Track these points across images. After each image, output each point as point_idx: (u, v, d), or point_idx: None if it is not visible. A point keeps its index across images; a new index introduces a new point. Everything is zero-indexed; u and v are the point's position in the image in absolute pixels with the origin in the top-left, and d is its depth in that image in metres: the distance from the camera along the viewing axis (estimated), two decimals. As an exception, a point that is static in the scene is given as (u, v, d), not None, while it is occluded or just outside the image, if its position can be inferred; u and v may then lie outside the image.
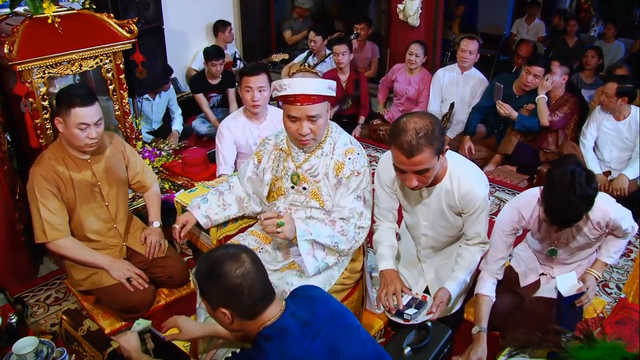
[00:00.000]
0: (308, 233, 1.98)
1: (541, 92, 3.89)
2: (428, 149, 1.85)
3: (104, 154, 2.48)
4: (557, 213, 1.92)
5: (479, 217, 2.14)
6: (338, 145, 2.08)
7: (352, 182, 2.05)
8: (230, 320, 1.48)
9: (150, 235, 2.62)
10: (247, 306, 1.45)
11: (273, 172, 2.18)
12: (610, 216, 2.08)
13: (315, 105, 1.92)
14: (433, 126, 1.86)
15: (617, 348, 1.37)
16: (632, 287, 2.46)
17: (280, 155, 2.16)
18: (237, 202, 2.32)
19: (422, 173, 1.92)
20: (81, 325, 1.96)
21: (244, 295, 1.43)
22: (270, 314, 1.48)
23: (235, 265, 1.43)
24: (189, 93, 4.99)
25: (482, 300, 2.22)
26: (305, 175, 2.11)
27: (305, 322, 1.48)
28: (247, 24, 5.78)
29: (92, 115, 2.25)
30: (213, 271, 1.44)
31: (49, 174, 2.30)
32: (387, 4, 5.35)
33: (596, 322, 2.23)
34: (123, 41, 2.84)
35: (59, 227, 2.35)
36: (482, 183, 2.13)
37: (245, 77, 2.89)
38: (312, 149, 2.08)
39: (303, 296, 1.58)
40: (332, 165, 2.07)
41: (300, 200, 2.14)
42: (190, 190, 3.00)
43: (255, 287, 1.44)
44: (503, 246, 2.23)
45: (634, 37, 6.55)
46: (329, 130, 2.09)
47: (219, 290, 1.44)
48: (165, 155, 3.66)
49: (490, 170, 4.14)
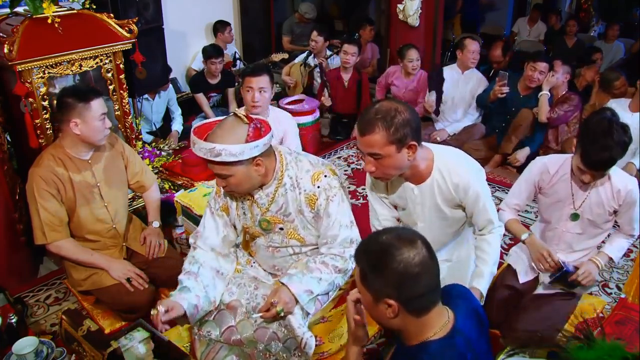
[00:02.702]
0: (309, 293, 1.90)
1: (545, 87, 3.89)
2: (381, 132, 1.72)
3: (104, 154, 2.48)
4: (594, 155, 1.99)
5: (485, 204, 1.98)
6: (300, 175, 1.93)
7: (331, 209, 1.93)
8: (394, 315, 1.31)
9: (150, 235, 2.62)
10: (418, 297, 1.30)
11: (242, 220, 2.06)
12: (630, 187, 2.14)
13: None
14: (397, 113, 1.73)
15: (617, 348, 1.37)
16: (632, 287, 2.46)
17: (244, 203, 2.02)
18: (215, 276, 2.06)
19: (376, 158, 1.80)
20: (81, 325, 1.95)
21: (418, 286, 1.28)
22: (435, 321, 1.35)
23: (413, 251, 1.28)
24: (189, 93, 4.99)
25: (511, 222, 2.34)
26: (277, 217, 1.98)
27: (467, 339, 1.36)
28: (247, 24, 5.78)
29: (103, 108, 2.35)
30: (386, 257, 1.27)
31: (48, 175, 2.30)
32: (387, 4, 5.36)
33: (596, 322, 2.24)
34: (123, 41, 2.84)
35: (58, 228, 2.35)
36: (474, 168, 1.99)
37: (247, 77, 2.88)
38: (273, 189, 1.93)
39: (464, 302, 1.45)
40: (303, 200, 1.94)
41: (279, 241, 2.05)
42: (190, 190, 3.01)
43: (431, 276, 1.31)
44: (520, 194, 2.34)
45: (634, 37, 6.55)
46: (283, 162, 1.93)
47: (391, 279, 1.27)
48: (165, 155, 3.66)
49: (490, 171, 4.14)
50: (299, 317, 1.92)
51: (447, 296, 1.42)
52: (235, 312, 2.01)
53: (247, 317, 1.99)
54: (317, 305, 1.99)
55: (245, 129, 1.78)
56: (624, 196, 2.15)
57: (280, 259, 2.10)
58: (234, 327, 1.99)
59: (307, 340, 1.88)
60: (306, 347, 1.88)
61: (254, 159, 1.81)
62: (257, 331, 1.96)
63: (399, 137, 1.74)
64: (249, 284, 2.08)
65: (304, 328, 1.91)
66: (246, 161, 1.80)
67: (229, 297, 2.05)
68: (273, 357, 1.94)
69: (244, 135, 1.77)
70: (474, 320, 1.44)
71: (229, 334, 1.99)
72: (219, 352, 2.00)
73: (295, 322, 1.90)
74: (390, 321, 1.34)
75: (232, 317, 2.01)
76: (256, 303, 2.00)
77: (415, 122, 1.78)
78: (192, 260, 2.05)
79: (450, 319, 1.37)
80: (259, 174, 1.87)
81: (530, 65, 3.95)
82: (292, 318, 1.91)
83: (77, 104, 2.26)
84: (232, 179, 1.83)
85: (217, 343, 2.01)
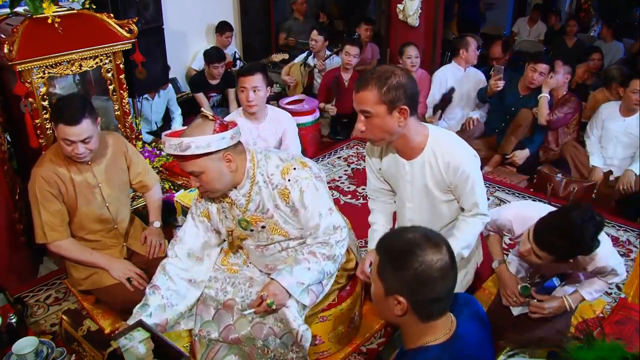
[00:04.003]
0: (300, 284, 1.92)
1: (545, 90, 3.89)
2: (374, 90, 1.77)
3: (105, 155, 2.47)
4: (546, 235, 1.86)
5: (473, 187, 1.96)
6: (271, 171, 1.97)
7: (306, 199, 1.95)
8: (401, 313, 1.30)
9: (151, 235, 2.62)
10: (430, 302, 1.28)
11: (224, 223, 2.10)
12: (604, 264, 2.00)
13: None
14: (392, 75, 1.78)
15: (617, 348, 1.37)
16: (632, 287, 2.46)
17: (224, 205, 2.06)
18: (189, 286, 2.10)
19: (367, 117, 1.83)
20: (81, 325, 1.95)
21: (433, 291, 1.26)
22: (439, 327, 1.33)
23: (437, 255, 1.25)
24: (189, 93, 4.99)
25: (492, 240, 2.30)
26: (257, 215, 2.02)
27: (468, 345, 1.35)
28: (247, 24, 5.78)
29: (77, 134, 2.19)
30: (409, 255, 1.25)
31: (50, 175, 2.31)
32: (387, 4, 5.36)
33: (596, 322, 2.24)
34: (123, 41, 2.84)
35: (58, 228, 2.35)
36: (469, 152, 1.97)
37: (240, 77, 2.89)
38: (248, 188, 1.97)
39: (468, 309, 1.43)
40: (277, 194, 1.97)
41: (265, 238, 2.08)
42: (190, 190, 3.01)
43: (447, 284, 1.28)
44: (505, 222, 2.21)
45: (634, 38, 6.55)
46: (254, 161, 1.97)
47: (408, 278, 1.26)
48: (165, 155, 3.66)
49: (490, 171, 4.14)
50: (294, 310, 1.93)
51: (453, 303, 1.41)
52: (232, 310, 2.03)
53: (243, 315, 2.00)
54: (311, 297, 2.00)
55: (211, 124, 1.85)
56: (592, 270, 2.03)
57: (270, 257, 2.12)
58: (232, 325, 2.01)
59: (303, 333, 1.89)
60: (302, 340, 1.89)
61: (223, 153, 1.85)
62: (254, 327, 1.97)
63: (390, 98, 1.78)
64: (243, 283, 2.10)
65: (299, 321, 1.93)
66: (215, 155, 1.83)
67: (223, 296, 2.08)
68: (271, 353, 1.95)
69: (211, 129, 1.83)
70: (475, 324, 1.43)
71: (227, 332, 2.00)
72: (219, 352, 2.01)
73: (291, 315, 1.92)
74: (395, 318, 1.33)
75: (230, 315, 2.03)
76: (250, 300, 2.02)
77: (410, 88, 1.81)
78: (162, 272, 2.08)
79: (453, 325, 1.37)
80: (231, 170, 1.91)
81: (531, 66, 3.95)
82: (288, 311, 1.92)
83: (52, 114, 2.24)
84: (203, 176, 1.86)
85: (217, 343, 2.02)
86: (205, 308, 2.08)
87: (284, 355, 1.94)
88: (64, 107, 2.19)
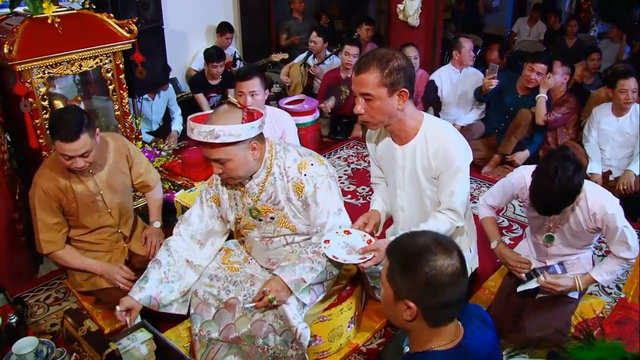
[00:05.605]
0: (301, 282, 1.92)
1: (543, 90, 3.88)
2: (375, 72, 1.79)
3: (107, 161, 2.44)
4: (535, 199, 1.97)
5: (455, 175, 1.94)
6: (288, 164, 2.00)
7: (319, 196, 1.98)
8: (411, 318, 1.29)
9: (151, 235, 2.62)
10: (439, 308, 1.27)
11: (234, 211, 2.12)
12: (608, 210, 2.02)
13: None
14: (393, 58, 1.80)
15: (617, 348, 1.37)
16: (631, 287, 2.46)
17: (235, 193, 2.09)
18: (186, 266, 2.15)
19: (367, 99, 1.85)
20: (82, 325, 1.95)
21: (443, 297, 1.25)
22: (446, 334, 1.32)
23: (448, 260, 1.23)
24: (189, 93, 4.99)
25: (487, 221, 2.34)
26: (267, 206, 2.04)
27: (473, 355, 1.34)
28: (247, 24, 5.78)
29: (75, 150, 2.16)
30: (420, 260, 1.24)
31: (50, 187, 2.29)
32: (387, 4, 5.36)
33: (596, 322, 2.24)
34: (123, 41, 2.84)
35: (55, 240, 2.36)
36: (461, 144, 1.97)
37: (237, 82, 2.86)
38: (263, 178, 2.00)
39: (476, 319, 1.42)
40: (290, 187, 1.99)
41: (271, 230, 2.09)
42: (190, 190, 3.01)
43: (458, 290, 1.26)
44: (498, 198, 2.31)
45: (634, 38, 6.54)
46: (272, 152, 2.00)
47: (418, 283, 1.24)
48: (165, 155, 3.66)
49: (490, 171, 4.13)
50: (294, 308, 1.94)
51: (462, 311, 1.40)
52: (234, 309, 2.04)
53: (244, 313, 2.00)
54: (312, 296, 2.00)
55: (239, 112, 1.87)
56: (600, 219, 2.04)
57: (274, 250, 2.13)
58: (232, 324, 2.01)
59: (302, 331, 1.90)
60: (301, 338, 1.90)
61: (250, 142, 1.88)
62: (254, 325, 1.97)
63: (391, 80, 1.81)
64: (245, 281, 2.11)
65: (299, 318, 1.93)
66: (244, 143, 1.86)
67: (226, 295, 2.08)
68: (271, 350, 1.95)
69: (240, 118, 1.85)
70: (483, 333, 1.42)
71: (228, 331, 2.00)
72: (219, 352, 2.01)
73: (290, 312, 1.92)
74: (404, 322, 1.32)
75: (231, 315, 2.03)
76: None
77: (409, 71, 1.85)
78: (165, 247, 2.16)
79: (460, 332, 1.35)
80: (255, 158, 1.94)
81: (529, 66, 3.95)
82: (287, 308, 1.93)
83: (50, 129, 2.22)
84: (229, 164, 1.88)
85: (217, 343, 2.02)
86: (206, 307, 2.08)
87: (283, 352, 1.95)
88: (60, 124, 2.15)
